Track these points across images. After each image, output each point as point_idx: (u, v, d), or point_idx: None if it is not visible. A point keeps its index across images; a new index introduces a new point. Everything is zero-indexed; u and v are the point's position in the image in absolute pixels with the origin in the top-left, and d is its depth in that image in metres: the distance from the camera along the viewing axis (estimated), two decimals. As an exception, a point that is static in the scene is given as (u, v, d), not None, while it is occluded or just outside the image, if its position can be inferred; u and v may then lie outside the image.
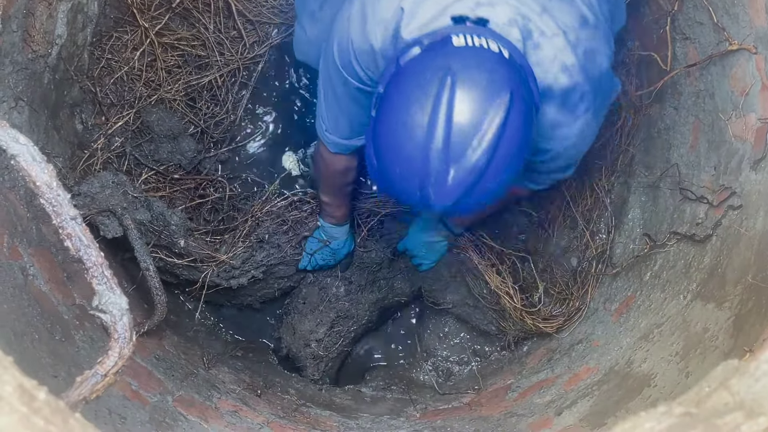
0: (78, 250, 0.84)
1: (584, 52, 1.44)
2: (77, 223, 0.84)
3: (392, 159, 1.30)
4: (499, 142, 1.23)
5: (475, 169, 1.24)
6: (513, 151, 1.27)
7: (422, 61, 1.28)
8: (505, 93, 1.23)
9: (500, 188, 1.31)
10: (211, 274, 2.14)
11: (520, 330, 2.26)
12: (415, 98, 1.25)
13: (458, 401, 2.18)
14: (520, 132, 1.27)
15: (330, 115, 1.72)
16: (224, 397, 1.90)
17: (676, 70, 1.88)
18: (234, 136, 2.48)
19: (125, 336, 0.85)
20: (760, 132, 1.55)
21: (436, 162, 1.24)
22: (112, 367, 0.81)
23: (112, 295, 0.84)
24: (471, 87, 1.23)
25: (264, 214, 2.28)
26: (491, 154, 1.24)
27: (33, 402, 0.41)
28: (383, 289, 2.44)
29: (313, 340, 2.36)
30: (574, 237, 2.32)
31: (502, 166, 1.27)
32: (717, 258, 1.62)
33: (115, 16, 2.23)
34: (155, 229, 1.99)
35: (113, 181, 1.85)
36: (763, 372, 0.45)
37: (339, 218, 2.23)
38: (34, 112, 1.79)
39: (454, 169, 1.24)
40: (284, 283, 2.37)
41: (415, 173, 1.26)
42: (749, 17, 1.56)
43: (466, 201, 1.29)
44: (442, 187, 1.26)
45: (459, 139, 1.23)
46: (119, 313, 0.84)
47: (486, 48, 1.27)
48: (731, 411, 0.41)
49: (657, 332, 1.71)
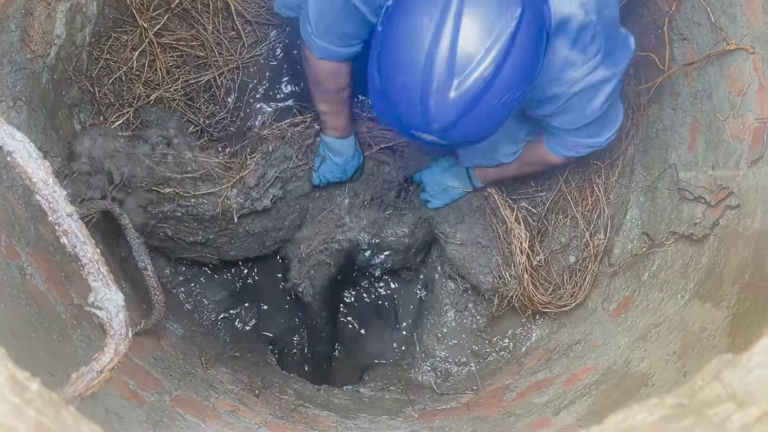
0: (74, 246, 0.84)
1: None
2: (73, 219, 0.84)
3: (396, 68, 1.26)
4: (506, 57, 1.21)
5: (480, 81, 1.21)
6: (519, 69, 1.25)
7: None
8: (516, 7, 1.20)
9: (503, 108, 1.28)
10: (232, 195, 2.14)
11: (515, 288, 2.25)
12: (424, 3, 1.21)
13: (456, 402, 2.18)
14: (528, 51, 1.25)
15: (321, 20, 1.67)
16: (222, 396, 1.90)
17: (675, 68, 1.89)
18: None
19: (121, 333, 0.85)
20: (758, 132, 1.56)
21: (441, 70, 1.21)
22: (108, 363, 0.81)
23: (108, 291, 0.84)
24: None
25: (266, 132, 2.27)
26: (497, 68, 1.21)
27: (25, 392, 0.41)
28: (387, 212, 2.40)
29: (304, 243, 2.37)
30: (574, 236, 2.32)
31: (507, 84, 1.24)
32: (715, 258, 1.62)
33: (114, 17, 2.24)
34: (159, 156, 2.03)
35: (99, 133, 1.91)
36: (755, 364, 0.46)
37: (341, 129, 2.11)
38: (33, 111, 1.79)
39: (458, 80, 1.22)
40: (303, 202, 2.35)
41: (417, 82, 1.23)
42: (747, 17, 1.56)
43: (467, 119, 1.26)
44: (444, 98, 1.23)
45: (465, 47, 1.20)
46: (115, 309, 0.84)
47: None
48: (723, 402, 0.41)
49: (655, 332, 1.71)
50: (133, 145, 2.07)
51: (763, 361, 0.45)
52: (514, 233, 2.24)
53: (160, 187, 2.10)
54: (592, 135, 1.70)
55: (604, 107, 1.60)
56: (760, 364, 0.45)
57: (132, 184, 2.07)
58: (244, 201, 2.18)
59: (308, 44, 1.76)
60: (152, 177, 2.09)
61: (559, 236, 2.35)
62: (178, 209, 2.15)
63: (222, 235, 2.30)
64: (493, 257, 2.31)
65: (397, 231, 2.41)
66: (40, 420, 0.40)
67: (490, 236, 2.32)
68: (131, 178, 2.06)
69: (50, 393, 0.45)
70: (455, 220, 2.36)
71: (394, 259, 2.46)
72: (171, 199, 2.13)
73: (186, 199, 2.13)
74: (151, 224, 2.19)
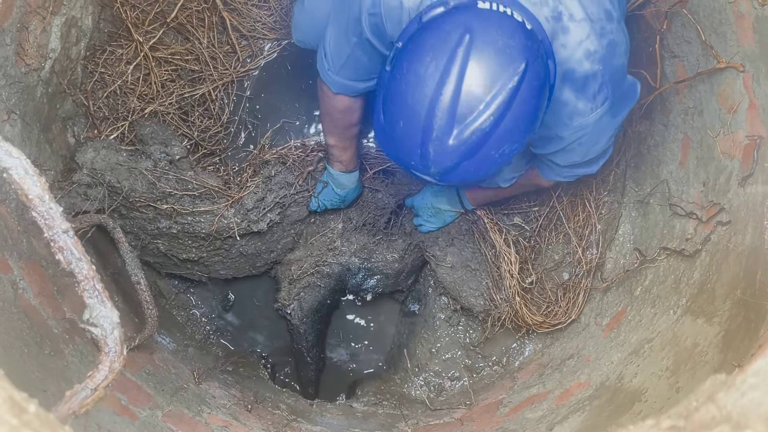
0: (69, 263, 0.84)
1: (608, 44, 1.45)
2: (69, 236, 0.83)
3: (398, 111, 1.29)
4: (506, 111, 1.23)
5: (479, 132, 1.24)
6: (519, 122, 1.27)
7: (444, 18, 1.28)
8: (520, 62, 1.23)
9: (500, 158, 1.31)
10: (228, 215, 2.17)
11: (507, 311, 2.25)
12: (431, 49, 1.24)
13: (450, 416, 2.17)
14: (529, 105, 1.27)
15: (337, 56, 1.71)
16: (214, 412, 1.89)
17: (666, 85, 1.91)
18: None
19: (115, 350, 0.84)
20: (748, 149, 1.57)
21: (441, 118, 1.24)
22: (102, 381, 0.81)
23: (103, 308, 0.84)
24: (487, 48, 1.23)
25: (269, 155, 2.29)
26: (497, 120, 1.23)
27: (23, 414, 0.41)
28: (377, 237, 2.43)
29: (296, 265, 2.40)
30: (567, 253, 2.33)
31: (506, 135, 1.26)
32: (706, 273, 1.63)
33: (109, 31, 2.24)
34: (159, 171, 2.05)
35: (102, 146, 1.94)
36: (749, 386, 0.46)
37: (346, 163, 2.15)
38: (27, 125, 1.79)
39: (457, 129, 1.25)
40: (298, 227, 2.38)
41: (418, 127, 1.26)
42: (737, 36, 1.58)
43: (464, 166, 1.29)
44: (443, 145, 1.26)
45: (467, 98, 1.22)
46: (110, 326, 0.84)
47: (510, 15, 1.27)
48: (718, 424, 0.42)
49: (647, 347, 1.72)
50: (136, 160, 2.09)
51: (756, 383, 0.46)
52: (503, 257, 2.25)
53: (158, 203, 2.10)
54: (587, 167, 1.75)
55: (604, 148, 1.65)
56: (754, 386, 0.46)
57: (131, 198, 2.07)
58: (240, 221, 2.20)
59: (325, 80, 1.80)
60: (152, 192, 2.09)
61: (552, 254, 2.36)
62: (174, 226, 2.16)
63: (215, 254, 2.31)
64: (483, 280, 2.33)
65: (386, 256, 2.44)
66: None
67: (479, 259, 2.34)
68: (131, 192, 2.06)
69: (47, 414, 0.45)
70: (445, 243, 2.38)
71: (385, 283, 2.49)
72: (168, 216, 2.14)
73: (183, 216, 2.14)
74: (146, 239, 2.20)
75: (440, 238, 2.39)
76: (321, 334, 2.58)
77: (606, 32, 1.45)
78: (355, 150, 2.13)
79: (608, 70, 1.46)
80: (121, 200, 2.07)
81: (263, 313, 2.60)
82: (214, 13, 2.35)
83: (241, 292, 2.60)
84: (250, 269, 2.43)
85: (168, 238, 2.21)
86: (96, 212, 1.99)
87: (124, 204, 2.10)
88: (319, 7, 1.87)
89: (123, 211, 2.12)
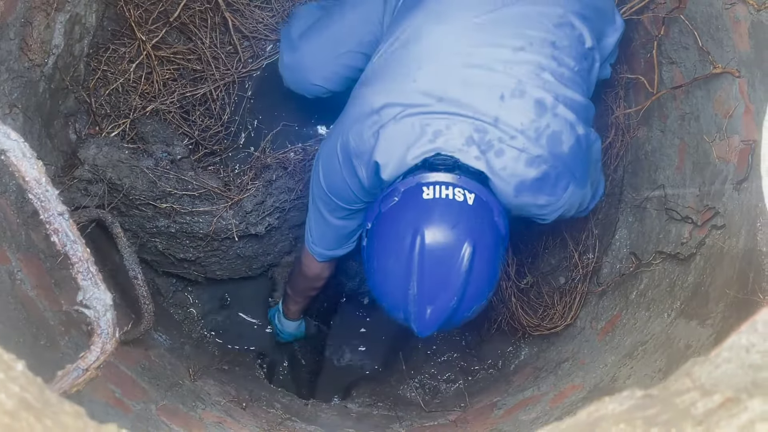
0: (64, 245, 0.85)
1: (548, 139, 1.52)
2: (64, 218, 0.85)
3: (380, 294, 1.51)
4: (466, 287, 1.41)
5: (448, 309, 1.42)
6: (480, 287, 1.46)
7: (397, 213, 1.48)
8: (468, 244, 1.40)
9: (474, 313, 1.50)
10: (227, 216, 2.20)
11: (503, 312, 2.25)
12: (393, 251, 1.45)
13: (444, 418, 2.17)
14: (485, 271, 1.45)
15: (317, 230, 1.88)
16: (209, 408, 1.89)
17: (663, 91, 1.92)
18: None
19: (108, 332, 0.85)
20: (743, 153, 1.58)
21: (413, 304, 1.43)
22: (94, 361, 0.82)
23: (96, 290, 0.85)
24: (438, 242, 1.41)
25: (270, 159, 2.33)
26: (460, 296, 1.42)
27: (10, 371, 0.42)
28: None
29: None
30: (564, 257, 2.34)
31: (471, 302, 1.45)
32: (701, 276, 1.64)
33: (113, 29, 2.27)
34: (160, 170, 2.07)
35: (105, 142, 1.99)
36: (723, 359, 0.47)
37: (292, 313, 2.39)
38: (29, 119, 1.81)
39: (430, 309, 1.43)
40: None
41: (399, 309, 1.47)
42: (733, 42, 1.59)
43: (445, 327, 1.48)
44: (422, 321, 1.45)
45: (430, 285, 1.42)
46: (103, 308, 0.85)
47: (451, 199, 1.43)
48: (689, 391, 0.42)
49: (641, 349, 1.72)
50: (137, 158, 2.11)
51: (730, 356, 0.46)
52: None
53: (157, 202, 2.12)
54: (591, 202, 1.82)
55: (586, 202, 1.74)
56: (727, 359, 0.46)
57: (131, 195, 2.08)
58: (239, 223, 2.21)
59: (309, 250, 1.96)
60: (152, 191, 2.11)
61: (549, 258, 2.36)
62: (173, 225, 2.17)
63: (212, 255, 2.33)
64: None
65: None
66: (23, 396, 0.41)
67: None
68: (131, 190, 2.08)
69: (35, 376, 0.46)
70: None
71: None
72: (167, 215, 2.15)
73: (182, 215, 2.15)
74: (144, 237, 2.21)
75: None
76: (317, 337, 2.59)
77: (542, 131, 1.51)
78: (304, 307, 2.38)
79: (560, 161, 1.53)
80: (121, 197, 2.09)
81: (260, 312, 2.61)
82: (217, 13, 2.37)
83: (238, 292, 2.60)
84: (246, 271, 2.45)
85: (166, 237, 2.23)
86: (96, 208, 2.00)
87: (123, 201, 2.11)
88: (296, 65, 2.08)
89: (122, 209, 2.14)
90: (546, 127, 1.51)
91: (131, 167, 2.08)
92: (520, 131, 1.50)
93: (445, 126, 1.50)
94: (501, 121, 1.50)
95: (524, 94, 1.51)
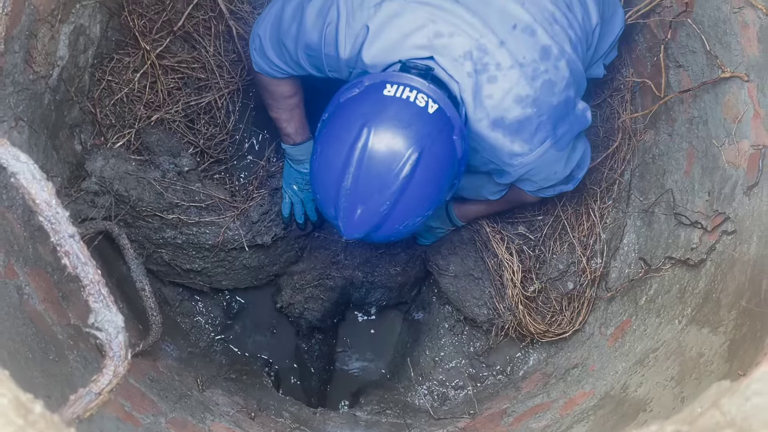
0: (75, 267, 0.84)
1: (542, 85, 1.52)
2: (75, 240, 0.84)
3: (316, 185, 1.48)
4: (401, 195, 1.38)
5: (379, 214, 1.40)
6: (419, 201, 1.42)
7: (353, 104, 1.43)
8: (415, 150, 1.37)
9: (407, 228, 1.47)
10: (234, 227, 2.19)
11: (510, 320, 2.24)
12: (337, 138, 1.41)
13: (453, 426, 2.16)
14: (425, 187, 1.41)
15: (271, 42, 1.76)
16: (218, 419, 1.89)
17: (670, 95, 1.91)
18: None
19: (120, 354, 0.85)
20: (753, 158, 1.57)
21: (345, 199, 1.40)
22: (107, 385, 0.81)
23: (108, 313, 0.84)
24: (384, 139, 1.37)
25: (275, 168, 2.32)
26: (393, 202, 1.39)
27: (29, 415, 0.42)
28: (379, 251, 2.46)
29: (298, 275, 2.45)
30: (572, 262, 2.33)
31: (405, 214, 1.42)
32: (711, 283, 1.63)
33: (117, 39, 2.26)
34: (167, 182, 2.07)
35: (112, 154, 2.01)
36: (753, 391, 0.46)
37: (293, 135, 2.10)
38: (34, 132, 1.80)
39: (360, 209, 1.41)
40: (302, 242, 2.43)
41: (330, 203, 1.44)
42: (741, 46, 1.58)
43: (372, 236, 1.46)
44: (350, 220, 1.42)
45: (366, 183, 1.38)
46: (115, 331, 0.84)
47: (411, 102, 1.39)
48: (722, 429, 0.41)
49: (652, 357, 1.71)
50: (144, 170, 2.11)
51: (760, 388, 0.46)
52: (504, 266, 2.24)
53: (164, 213, 2.11)
54: (563, 185, 1.81)
55: (566, 171, 1.71)
56: (758, 391, 0.45)
57: (138, 207, 2.08)
58: (245, 233, 2.21)
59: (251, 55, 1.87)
60: (159, 202, 2.11)
61: (557, 263, 2.35)
62: (179, 236, 2.17)
63: (219, 266, 2.33)
64: (486, 289, 2.33)
65: (389, 270, 2.47)
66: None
67: (482, 268, 2.34)
68: (138, 201, 2.07)
69: (52, 415, 0.46)
70: (447, 251, 2.39)
71: (389, 296, 2.52)
72: (174, 226, 2.15)
73: (188, 226, 2.15)
74: (150, 248, 2.21)
75: (443, 247, 2.39)
76: (326, 346, 2.58)
77: (539, 73, 1.51)
78: (299, 121, 2.09)
79: (545, 110, 1.53)
80: (128, 209, 2.09)
81: (267, 321, 2.61)
82: (221, 21, 2.37)
83: (246, 301, 2.60)
84: (252, 281, 2.45)
85: (172, 248, 2.22)
86: (103, 220, 2.00)
87: (130, 213, 2.11)
88: None
89: (129, 220, 2.13)
90: (544, 72, 1.52)
91: (138, 179, 2.08)
92: (521, 64, 1.50)
93: (449, 32, 1.49)
94: (506, 46, 1.49)
95: (534, 34, 1.52)
